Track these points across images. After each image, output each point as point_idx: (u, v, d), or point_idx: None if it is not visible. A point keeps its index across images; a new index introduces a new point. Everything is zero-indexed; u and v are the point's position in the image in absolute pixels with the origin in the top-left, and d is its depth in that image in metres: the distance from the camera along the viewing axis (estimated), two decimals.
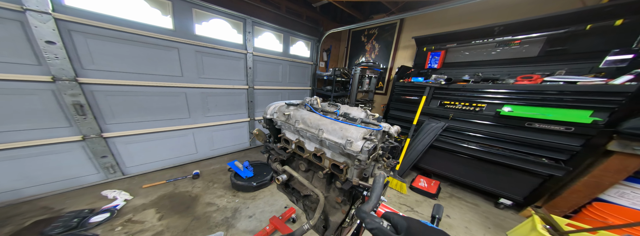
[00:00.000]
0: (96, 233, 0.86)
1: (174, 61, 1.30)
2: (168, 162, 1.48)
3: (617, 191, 0.92)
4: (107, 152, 1.17)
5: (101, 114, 1.11)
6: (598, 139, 0.86)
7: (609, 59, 0.90)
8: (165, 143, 1.42)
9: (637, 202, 0.88)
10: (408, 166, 1.45)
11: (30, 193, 1.03)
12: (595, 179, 0.88)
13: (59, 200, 1.06)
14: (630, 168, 0.81)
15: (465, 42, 1.41)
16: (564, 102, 0.91)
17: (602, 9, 0.91)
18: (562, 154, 0.96)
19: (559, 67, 1.08)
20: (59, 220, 0.88)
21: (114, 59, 1.08)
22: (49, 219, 0.90)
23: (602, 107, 0.84)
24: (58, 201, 1.04)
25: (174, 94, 1.35)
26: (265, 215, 1.07)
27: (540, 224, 0.83)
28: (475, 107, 1.19)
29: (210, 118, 1.60)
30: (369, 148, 0.37)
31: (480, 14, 1.47)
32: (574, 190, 0.94)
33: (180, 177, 1.37)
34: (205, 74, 1.47)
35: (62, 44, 0.92)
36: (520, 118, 1.01)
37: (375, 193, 0.34)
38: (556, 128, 0.93)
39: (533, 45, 1.17)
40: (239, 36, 1.60)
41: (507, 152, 1.10)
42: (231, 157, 1.77)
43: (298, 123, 0.50)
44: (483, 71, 1.36)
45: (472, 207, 1.25)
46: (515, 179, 1.12)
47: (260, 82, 1.85)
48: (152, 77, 1.23)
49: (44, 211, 0.97)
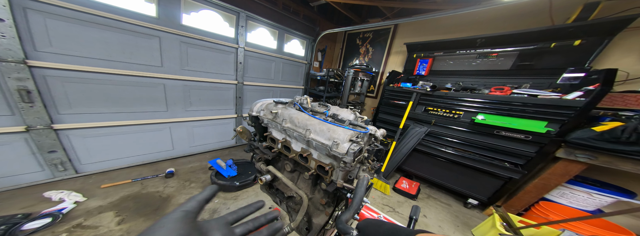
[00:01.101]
0: None
1: (153, 50, 1.21)
2: (136, 159, 1.36)
3: (559, 191, 1.07)
4: (57, 146, 1.02)
5: (54, 103, 0.97)
6: (549, 147, 0.98)
7: (565, 76, 1.03)
8: (135, 138, 1.30)
9: (573, 201, 1.04)
10: (392, 168, 1.54)
11: None
12: (544, 182, 1.01)
13: None
14: (572, 172, 0.94)
15: (451, 52, 1.51)
16: (526, 113, 1.03)
17: (566, 29, 1.03)
18: (520, 159, 1.09)
19: (526, 81, 1.21)
20: None
21: (78, 43, 0.96)
22: None
23: (555, 119, 0.96)
24: None
25: (151, 85, 1.25)
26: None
27: (498, 221, 0.94)
28: (454, 114, 1.29)
29: (192, 113, 1.52)
30: (355, 150, 0.37)
31: (467, 25, 1.57)
32: (526, 191, 1.07)
33: (150, 176, 1.25)
34: (189, 66, 1.39)
35: (12, 22, 0.80)
36: (491, 125, 1.12)
37: (357, 196, 0.34)
38: (518, 136, 1.05)
39: (507, 58, 1.29)
40: (231, 30, 1.55)
41: (477, 156, 1.22)
42: (214, 155, 1.69)
43: (285, 122, 0.50)
44: (464, 80, 1.47)
45: (445, 207, 1.36)
46: (482, 181, 1.24)
47: (250, 78, 1.80)
48: (124, 66, 1.12)
49: None
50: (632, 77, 1.01)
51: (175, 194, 1.15)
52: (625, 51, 1.02)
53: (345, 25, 1.95)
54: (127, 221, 0.91)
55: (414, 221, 0.38)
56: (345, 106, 1.90)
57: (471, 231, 1.12)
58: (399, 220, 1.13)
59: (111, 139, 1.23)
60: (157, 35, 1.20)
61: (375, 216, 0.79)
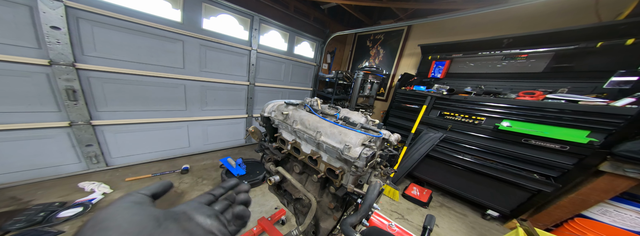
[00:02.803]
0: (62, 230, 0.75)
1: (177, 53, 1.27)
2: (157, 154, 1.42)
3: (600, 209, 0.92)
4: (93, 140, 1.11)
5: (94, 101, 1.07)
6: (591, 159, 0.85)
7: (613, 80, 0.88)
8: (157, 135, 1.37)
9: (617, 220, 0.89)
10: (402, 174, 1.46)
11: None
12: (582, 197, 0.88)
13: (30, 190, 0.97)
14: (619, 188, 0.81)
15: (472, 53, 1.38)
16: (562, 120, 0.90)
17: (617, 26, 0.88)
18: (554, 171, 0.96)
19: (563, 85, 1.06)
20: (23, 213, 0.78)
21: (116, 47, 1.06)
22: (12, 211, 0.80)
23: (599, 128, 0.83)
24: (29, 192, 0.95)
25: (173, 86, 1.32)
26: (254, 215, 1.05)
27: (522, 235, 0.83)
28: (474, 120, 1.18)
29: (207, 112, 1.57)
30: (368, 155, 0.36)
31: (489, 25, 1.43)
32: (559, 206, 0.95)
33: (167, 171, 1.30)
34: (207, 68, 1.44)
35: (67, 30, 0.90)
36: (517, 133, 1.00)
37: (367, 202, 0.33)
38: (552, 146, 0.93)
39: (539, 60, 1.14)
40: (245, 33, 1.57)
41: (500, 166, 1.09)
42: (225, 153, 1.72)
43: (296, 124, 0.49)
44: (486, 83, 1.34)
45: (460, 217, 1.26)
46: (505, 192, 1.12)
47: (261, 80, 1.81)
48: (152, 68, 1.20)
49: (10, 202, 0.88)
50: None
51: (189, 190, 1.16)
52: None
53: (356, 27, 1.89)
54: None
55: (428, 231, 0.35)
56: (354, 108, 1.84)
57: None
58: (408, 228, 1.05)
59: (137, 136, 1.29)
60: (181, 39, 1.26)
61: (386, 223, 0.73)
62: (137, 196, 0.16)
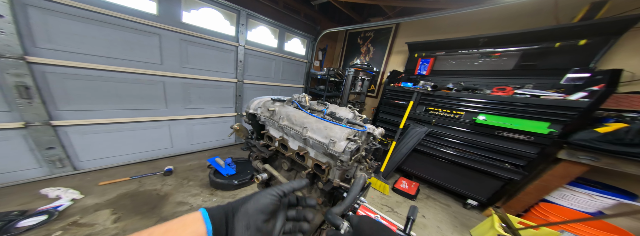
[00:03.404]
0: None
1: (153, 48, 1.21)
2: (135, 156, 1.36)
3: (559, 193, 1.06)
4: (56, 143, 1.02)
5: (53, 99, 0.97)
6: (551, 148, 0.97)
7: (569, 77, 1.01)
8: (135, 135, 1.30)
9: (574, 203, 1.03)
10: (392, 168, 1.54)
11: None
12: (544, 183, 1.01)
13: None
14: (574, 174, 0.94)
15: (453, 51, 1.50)
16: (528, 113, 1.02)
17: (571, 29, 1.02)
18: (521, 160, 1.08)
19: (529, 81, 1.19)
20: None
21: (79, 39, 0.96)
22: None
23: (557, 120, 0.95)
24: None
25: (150, 83, 1.26)
26: None
27: (497, 222, 0.94)
28: (455, 115, 1.29)
29: (191, 110, 1.52)
30: (352, 149, 0.36)
31: (469, 25, 1.56)
32: (526, 192, 1.07)
33: (148, 174, 1.25)
34: (189, 64, 1.39)
35: (12, 18, 0.80)
36: (492, 126, 1.11)
37: (351, 194, 0.34)
38: (520, 137, 1.04)
39: (510, 58, 1.27)
40: (231, 28, 1.55)
41: (477, 157, 1.21)
42: (213, 153, 1.70)
43: (282, 120, 0.49)
44: (465, 80, 1.46)
45: (444, 208, 1.36)
46: (482, 182, 1.23)
47: (250, 77, 1.81)
48: (125, 63, 1.12)
49: None
50: (637, 78, 0.99)
51: (173, 192, 1.14)
52: (631, 51, 1.00)
53: (347, 24, 1.93)
54: (123, 219, 0.90)
55: (412, 222, 0.38)
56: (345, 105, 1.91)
57: (469, 232, 1.12)
58: (397, 220, 1.14)
59: (110, 137, 1.23)
60: (157, 33, 1.20)
61: (372, 216, 0.80)
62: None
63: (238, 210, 0.19)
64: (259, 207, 0.19)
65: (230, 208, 0.20)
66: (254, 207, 0.19)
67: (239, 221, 0.19)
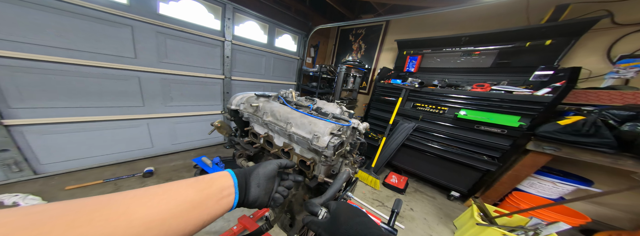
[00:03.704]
0: None
1: (125, 40, 1.12)
2: (109, 158, 1.29)
3: (529, 182, 1.18)
4: (9, 144, 0.94)
5: (2, 96, 0.89)
6: (521, 140, 1.08)
7: (536, 74, 1.13)
8: (108, 135, 1.23)
9: (540, 190, 1.16)
10: (382, 164, 1.61)
11: None
12: (516, 173, 1.12)
13: None
14: (539, 163, 1.05)
15: (438, 49, 1.59)
16: (502, 108, 1.12)
17: (539, 29, 1.13)
18: (497, 152, 1.18)
19: (504, 78, 1.31)
20: None
21: (29, 28, 0.87)
22: None
23: (526, 114, 1.06)
24: None
25: (123, 78, 1.17)
26: (235, 213, 1.01)
27: (476, 212, 1.03)
28: (439, 110, 1.37)
29: (173, 108, 1.46)
30: (335, 144, 0.37)
31: (453, 24, 1.65)
32: (501, 182, 1.18)
33: (125, 176, 1.19)
34: (168, 59, 1.32)
35: None
36: (471, 120, 1.21)
37: (333, 187, 0.34)
38: (495, 130, 1.15)
39: (488, 56, 1.38)
40: (216, 22, 1.51)
41: (459, 150, 1.31)
42: (199, 153, 1.67)
43: (266, 116, 0.49)
44: (449, 77, 1.56)
45: (430, 200, 1.46)
46: (463, 174, 1.34)
47: (239, 73, 1.78)
48: (90, 56, 1.03)
49: None
50: (593, 75, 1.12)
51: None
52: (589, 50, 1.13)
53: (338, 20, 1.97)
54: None
55: (396, 214, 0.39)
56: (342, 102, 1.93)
57: (453, 223, 1.21)
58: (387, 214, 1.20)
59: (78, 137, 1.13)
60: (128, 24, 1.11)
61: None
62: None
63: (252, 173, 0.26)
64: (266, 172, 0.27)
65: (247, 171, 0.27)
66: (263, 172, 0.27)
67: (252, 180, 0.26)
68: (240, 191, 0.24)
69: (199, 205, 0.19)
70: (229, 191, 0.23)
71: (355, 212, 0.26)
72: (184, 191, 0.19)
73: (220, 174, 0.24)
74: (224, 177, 0.24)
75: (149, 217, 0.16)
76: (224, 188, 0.23)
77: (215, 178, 0.23)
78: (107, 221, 0.14)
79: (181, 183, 0.20)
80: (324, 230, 0.24)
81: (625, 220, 1.14)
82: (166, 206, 0.17)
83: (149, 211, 0.16)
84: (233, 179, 0.24)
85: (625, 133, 0.81)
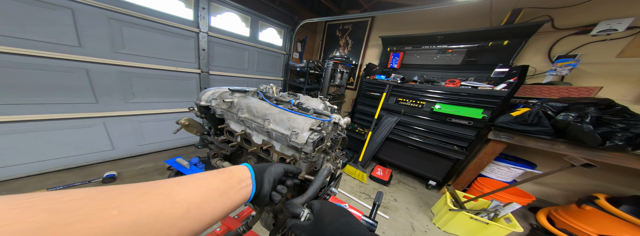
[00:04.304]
0: None
1: (63, 26, 0.98)
2: (54, 163, 1.15)
3: (490, 167, 1.40)
4: None
5: None
6: (484, 130, 1.28)
7: (496, 71, 1.33)
8: (50, 137, 1.09)
9: (499, 175, 1.39)
10: (369, 157, 1.74)
11: None
12: (480, 160, 1.32)
13: None
14: (498, 150, 1.25)
15: (418, 47, 1.75)
16: (469, 102, 1.31)
17: (498, 31, 1.32)
18: (465, 142, 1.38)
19: (471, 75, 1.51)
20: None
21: None
22: None
23: (488, 107, 1.25)
24: None
25: (65, 70, 1.03)
26: None
27: (449, 198, 1.19)
28: (419, 105, 1.53)
29: (137, 105, 1.34)
30: (315, 140, 0.37)
31: (432, 22, 1.82)
32: (468, 170, 1.37)
33: (77, 183, 1.09)
34: (126, 49, 1.19)
35: None
36: (445, 113, 1.38)
37: (314, 185, 0.34)
38: (463, 122, 1.33)
39: (459, 54, 1.57)
40: (189, 11, 1.43)
41: (435, 142, 1.48)
42: (173, 153, 1.59)
43: (242, 112, 0.47)
44: (427, 73, 1.73)
45: (412, 190, 1.63)
46: (438, 164, 1.52)
47: (218, 68, 1.74)
48: (14, 42, 0.89)
49: None
50: (538, 72, 1.36)
51: None
52: (535, 51, 1.37)
53: (325, 15, 2.03)
54: None
55: (376, 207, 0.40)
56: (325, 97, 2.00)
57: (431, 210, 1.38)
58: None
59: (10, 139, 1.00)
60: (68, 6, 0.97)
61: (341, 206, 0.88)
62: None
63: (265, 170, 0.29)
64: (276, 172, 0.30)
65: (260, 167, 0.29)
66: (274, 171, 0.30)
67: (266, 176, 0.28)
68: (257, 184, 0.26)
69: (224, 193, 0.22)
70: (247, 183, 0.25)
71: (340, 212, 0.26)
72: (211, 181, 0.22)
73: (239, 167, 0.27)
74: (242, 170, 0.26)
75: (188, 200, 0.18)
76: (243, 179, 0.25)
77: (234, 170, 0.26)
78: (157, 201, 0.16)
79: (207, 174, 0.23)
80: (308, 233, 0.24)
81: (560, 197, 1.42)
82: (200, 192, 0.20)
83: (187, 196, 0.19)
84: (250, 172, 0.27)
85: (560, 122, 1.01)
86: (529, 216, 1.38)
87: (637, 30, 1.06)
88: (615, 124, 0.89)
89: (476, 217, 1.04)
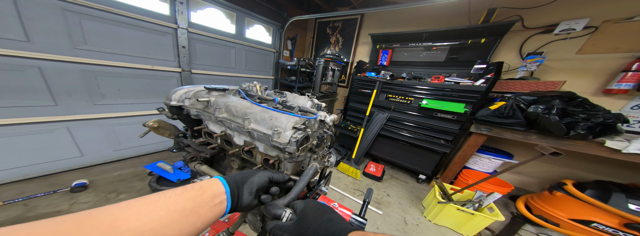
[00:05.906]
0: None
1: (6, 16, 0.88)
2: (11, 173, 1.07)
3: (473, 159, 1.54)
4: None
5: None
6: (466, 124, 1.40)
7: (475, 67, 1.46)
8: (1, 144, 1.00)
9: (481, 166, 1.53)
10: (362, 154, 1.82)
11: None
12: (464, 153, 1.44)
13: None
14: (479, 142, 1.38)
15: (405, 44, 1.86)
16: (453, 97, 1.42)
17: (476, 29, 1.45)
18: (450, 135, 1.50)
19: (454, 71, 1.64)
20: None
21: None
22: None
23: (469, 101, 1.37)
24: None
25: (12, 68, 0.94)
26: None
27: (437, 191, 1.28)
28: (407, 101, 1.63)
29: (106, 107, 1.27)
30: (298, 139, 0.36)
31: (418, 20, 1.94)
32: (454, 162, 1.49)
33: (40, 193, 1.02)
34: (87, 45, 1.10)
35: None
36: (431, 109, 1.48)
37: (298, 186, 0.33)
38: (448, 117, 1.44)
39: (443, 52, 1.70)
40: (164, 5, 1.37)
41: (423, 136, 1.59)
42: (154, 158, 1.53)
43: (219, 112, 0.45)
44: (415, 70, 1.85)
45: (403, 185, 1.72)
46: (427, 158, 1.63)
47: (202, 66, 1.70)
48: None
49: None
50: (511, 68, 1.52)
51: None
52: (508, 48, 1.52)
53: (315, 12, 2.09)
54: None
55: (366, 204, 0.40)
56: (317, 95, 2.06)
57: (421, 203, 1.47)
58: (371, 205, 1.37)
59: None
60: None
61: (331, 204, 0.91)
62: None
63: (245, 181, 0.27)
64: (260, 182, 0.29)
65: (238, 178, 0.27)
66: (257, 181, 0.28)
67: (245, 188, 0.27)
68: (233, 198, 0.25)
69: (191, 213, 0.20)
70: (221, 199, 0.23)
71: (324, 209, 0.26)
72: (173, 201, 0.20)
73: (211, 181, 0.25)
74: (215, 184, 0.24)
75: (139, 228, 0.16)
76: (216, 195, 0.23)
77: (206, 186, 0.23)
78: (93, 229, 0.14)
79: (169, 193, 0.21)
80: (291, 233, 0.24)
81: (534, 185, 1.59)
82: (157, 216, 0.17)
83: (139, 223, 0.16)
84: (225, 187, 0.24)
85: (531, 114, 1.14)
86: (510, 204, 1.52)
87: (593, 29, 1.22)
88: (578, 115, 1.02)
89: (463, 208, 1.12)
